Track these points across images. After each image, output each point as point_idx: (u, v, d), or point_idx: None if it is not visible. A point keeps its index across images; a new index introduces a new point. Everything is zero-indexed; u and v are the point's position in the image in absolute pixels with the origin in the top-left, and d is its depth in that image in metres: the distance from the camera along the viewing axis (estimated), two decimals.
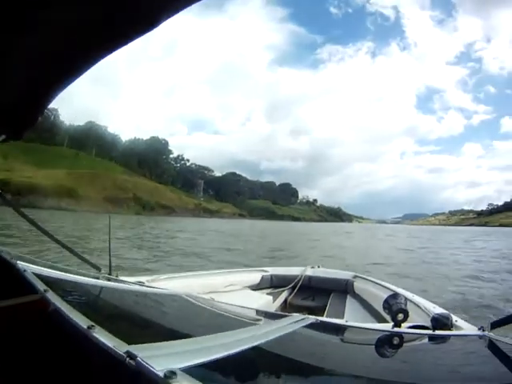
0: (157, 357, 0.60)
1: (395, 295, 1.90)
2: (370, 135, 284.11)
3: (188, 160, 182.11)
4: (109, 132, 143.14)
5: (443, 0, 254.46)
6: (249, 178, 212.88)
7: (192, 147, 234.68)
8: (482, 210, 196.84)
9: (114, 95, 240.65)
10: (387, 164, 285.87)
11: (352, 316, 3.06)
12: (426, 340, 1.62)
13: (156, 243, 17.67)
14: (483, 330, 1.66)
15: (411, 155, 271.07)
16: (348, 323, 1.79)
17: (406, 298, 1.91)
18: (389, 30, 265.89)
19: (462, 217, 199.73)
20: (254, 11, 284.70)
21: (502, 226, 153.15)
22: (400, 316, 1.69)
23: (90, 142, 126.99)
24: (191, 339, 0.94)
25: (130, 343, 0.68)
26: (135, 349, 0.63)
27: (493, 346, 1.49)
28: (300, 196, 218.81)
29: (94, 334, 0.74)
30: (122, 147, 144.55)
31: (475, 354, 1.59)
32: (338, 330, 1.65)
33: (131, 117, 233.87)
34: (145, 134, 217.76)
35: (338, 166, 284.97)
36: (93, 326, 0.77)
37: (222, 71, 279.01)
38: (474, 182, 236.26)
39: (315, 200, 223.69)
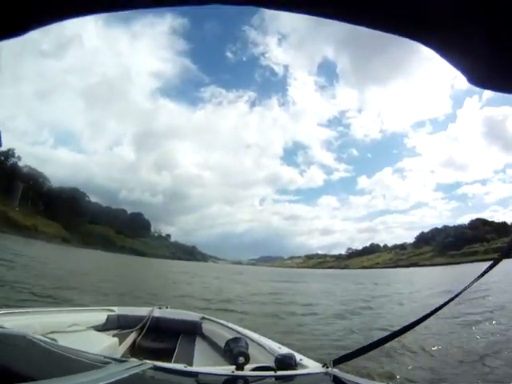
0: None
1: (236, 339, 1.94)
2: (233, 179, 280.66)
3: (20, 158, 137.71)
4: None
5: (329, 70, 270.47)
6: (102, 203, 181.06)
7: (54, 162, 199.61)
8: (340, 254, 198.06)
9: None
10: (246, 208, 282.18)
11: (201, 359, 3.09)
12: (271, 380, 1.65)
13: None
14: (327, 367, 1.77)
15: (270, 202, 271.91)
16: (186, 368, 1.77)
17: (247, 341, 1.96)
18: (273, 84, 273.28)
19: (320, 260, 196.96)
20: (157, 36, 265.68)
21: (364, 268, 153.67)
22: (241, 359, 1.72)
23: None
24: None
25: None
26: None
27: (337, 382, 1.58)
28: (152, 230, 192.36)
29: None
30: None
31: None
32: (179, 374, 1.65)
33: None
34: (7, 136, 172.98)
35: (198, 206, 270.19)
36: None
37: (103, 87, 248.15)
38: (328, 229, 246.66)
39: (168, 235, 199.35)
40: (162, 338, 3.66)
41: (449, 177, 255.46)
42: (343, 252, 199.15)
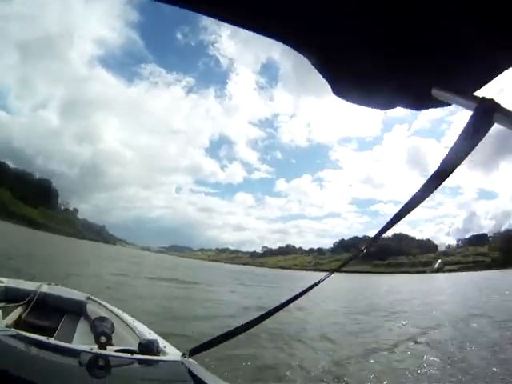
0: None
1: (103, 318, 2.04)
2: (155, 163, 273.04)
3: None
4: None
5: (272, 72, 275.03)
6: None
7: None
8: (254, 251, 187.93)
9: None
10: (162, 194, 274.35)
11: (82, 338, 3.06)
12: (133, 363, 1.73)
13: None
14: (184, 357, 1.88)
15: (187, 192, 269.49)
16: (48, 340, 1.78)
17: (113, 323, 2.06)
18: (215, 75, 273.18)
19: (233, 255, 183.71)
20: (111, 2, 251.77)
21: (281, 268, 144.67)
22: (103, 339, 1.78)
23: None
24: None
25: None
26: None
27: (191, 372, 1.67)
28: (60, 201, 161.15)
29: None
30: None
31: (176, 378, 1.80)
32: (40, 346, 1.65)
33: None
34: None
35: (115, 185, 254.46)
36: None
37: (42, 42, 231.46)
38: (241, 226, 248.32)
39: (76, 209, 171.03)
40: (47, 315, 3.50)
41: (365, 193, 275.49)
42: (257, 250, 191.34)
